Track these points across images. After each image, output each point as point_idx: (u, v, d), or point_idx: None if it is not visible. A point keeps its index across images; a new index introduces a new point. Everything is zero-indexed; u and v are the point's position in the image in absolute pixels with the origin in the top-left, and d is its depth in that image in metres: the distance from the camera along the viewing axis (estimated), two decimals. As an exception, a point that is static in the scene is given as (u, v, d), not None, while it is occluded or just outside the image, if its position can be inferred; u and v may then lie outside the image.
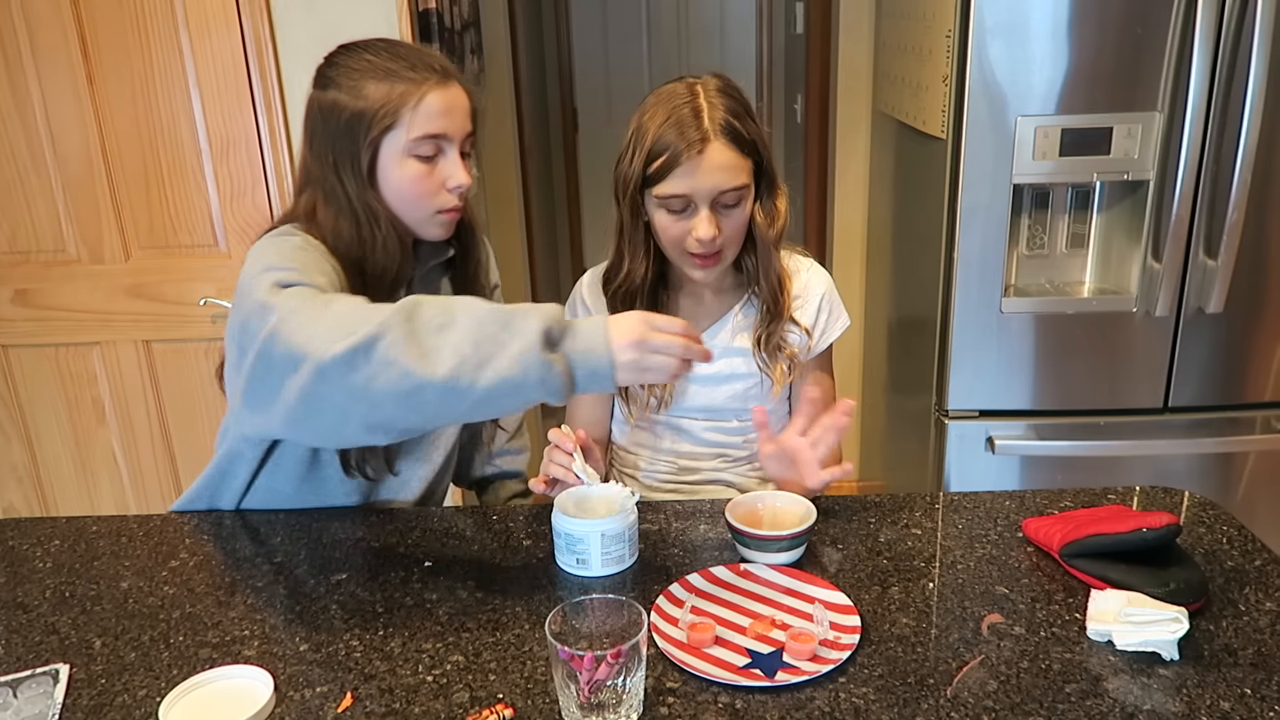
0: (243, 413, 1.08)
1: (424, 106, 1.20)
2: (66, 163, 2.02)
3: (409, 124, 1.20)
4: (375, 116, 1.19)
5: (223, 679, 0.96)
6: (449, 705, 0.91)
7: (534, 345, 0.94)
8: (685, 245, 1.31)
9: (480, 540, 1.23)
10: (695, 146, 1.25)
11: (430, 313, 0.97)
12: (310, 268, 1.12)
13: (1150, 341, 2.04)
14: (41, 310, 2.11)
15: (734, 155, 1.27)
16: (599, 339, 0.97)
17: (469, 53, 2.52)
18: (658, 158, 1.26)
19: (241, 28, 1.93)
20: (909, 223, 2.47)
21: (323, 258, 1.17)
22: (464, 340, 0.94)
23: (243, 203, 2.04)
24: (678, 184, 1.27)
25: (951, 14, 1.97)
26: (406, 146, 1.21)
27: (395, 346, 0.94)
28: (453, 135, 1.23)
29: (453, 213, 1.26)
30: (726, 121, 1.27)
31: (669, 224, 1.31)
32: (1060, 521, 1.13)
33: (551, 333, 0.96)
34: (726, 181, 1.27)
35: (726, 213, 1.30)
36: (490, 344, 0.94)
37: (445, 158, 1.23)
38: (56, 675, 0.97)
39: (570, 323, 0.98)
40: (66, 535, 1.28)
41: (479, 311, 0.97)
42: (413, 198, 1.23)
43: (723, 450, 1.47)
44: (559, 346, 0.96)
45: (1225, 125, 1.87)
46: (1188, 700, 0.88)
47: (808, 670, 0.94)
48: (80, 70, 1.96)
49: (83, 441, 2.22)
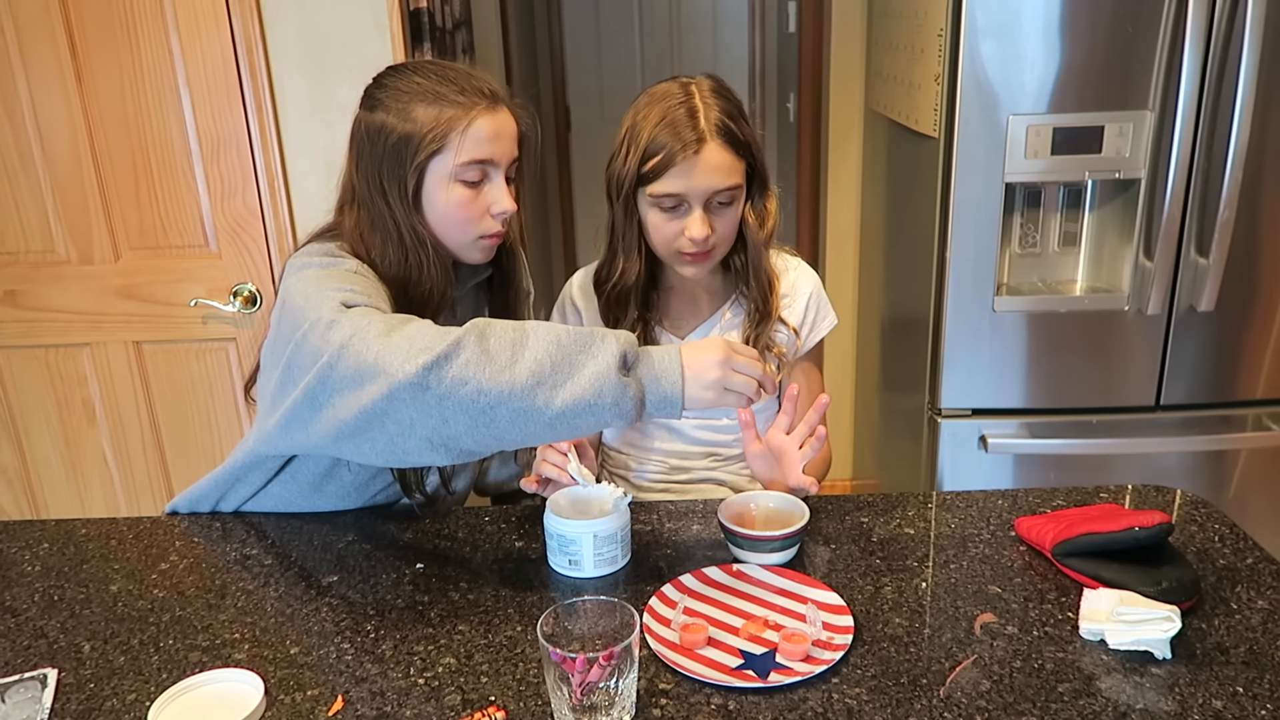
0: (277, 427, 1.07)
1: (472, 131, 1.19)
2: (55, 162, 2.01)
3: (456, 148, 1.19)
4: (423, 140, 1.18)
5: (213, 682, 0.95)
6: (441, 708, 0.91)
7: (611, 368, 0.96)
8: (677, 245, 1.31)
9: (472, 541, 1.23)
10: (691, 147, 1.25)
11: (504, 333, 0.98)
12: (371, 292, 1.11)
13: (1142, 340, 2.04)
14: (31, 311, 2.10)
15: (729, 156, 1.28)
16: (673, 366, 1.00)
17: (460, 52, 2.51)
18: (653, 157, 1.26)
19: (231, 27, 1.92)
20: (901, 221, 2.47)
21: (375, 281, 1.17)
22: (542, 360, 0.96)
23: (233, 202, 2.03)
24: (672, 183, 1.27)
25: (943, 13, 1.97)
26: (453, 171, 1.20)
27: (471, 365, 0.95)
28: (499, 160, 1.22)
29: (495, 238, 1.26)
30: (722, 122, 1.27)
31: (662, 223, 1.31)
32: (1052, 520, 1.13)
33: (628, 356, 0.98)
34: (721, 182, 1.27)
35: (720, 212, 1.30)
36: (567, 365, 0.96)
37: (491, 183, 1.23)
38: (44, 680, 0.97)
39: (645, 349, 1.01)
40: (55, 538, 1.27)
41: (554, 333, 0.98)
42: (457, 222, 1.23)
43: (714, 449, 1.47)
44: (634, 370, 0.98)
45: (1216, 124, 1.88)
46: (1180, 699, 0.88)
47: (801, 671, 0.93)
48: (69, 69, 1.94)
49: (73, 443, 2.21)
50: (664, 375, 0.99)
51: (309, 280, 1.11)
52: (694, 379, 1.00)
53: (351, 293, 1.08)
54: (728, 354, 1.02)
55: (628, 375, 0.97)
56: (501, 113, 1.22)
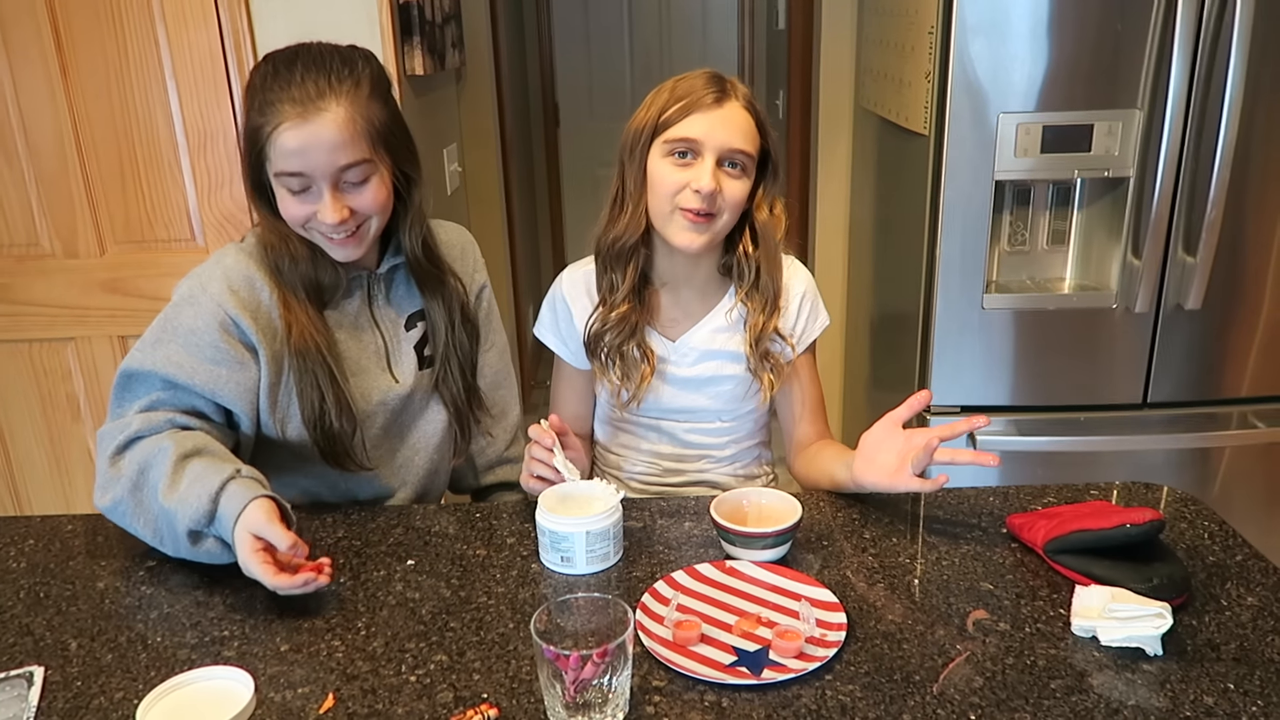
0: None
1: (279, 144, 1.15)
2: (40, 156, 1.99)
3: (272, 158, 1.17)
4: (252, 143, 1.18)
5: (202, 680, 0.94)
6: (433, 705, 0.91)
7: (187, 544, 1.12)
8: (679, 199, 1.28)
9: (464, 538, 1.22)
10: (715, 97, 1.28)
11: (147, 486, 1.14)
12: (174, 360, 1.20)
13: (1130, 337, 2.05)
14: (15, 305, 2.08)
15: (749, 121, 1.30)
16: (231, 537, 1.09)
17: (450, 46, 2.50)
18: (676, 104, 1.28)
19: (219, 20, 1.91)
20: (891, 219, 2.48)
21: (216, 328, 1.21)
22: (164, 524, 1.13)
23: (220, 196, 2.01)
24: (691, 127, 1.27)
25: (934, 10, 1.98)
26: (277, 179, 1.19)
27: (129, 515, 1.16)
28: (311, 172, 1.16)
29: (344, 240, 1.22)
30: (747, 97, 1.32)
31: (669, 172, 1.28)
32: (1044, 518, 1.14)
33: (197, 532, 1.11)
34: (737, 140, 1.28)
35: (730, 174, 1.29)
36: (171, 532, 1.12)
37: (314, 192, 1.19)
38: (31, 678, 0.96)
39: (216, 511, 1.09)
40: (41, 534, 1.26)
41: (159, 502, 1.12)
42: (296, 223, 1.22)
43: (706, 451, 1.46)
44: (207, 532, 1.11)
45: (1204, 123, 1.89)
46: (1171, 695, 0.89)
47: (794, 668, 0.93)
48: (54, 62, 1.92)
49: (57, 438, 2.19)
50: (231, 543, 1.09)
51: (163, 322, 1.22)
52: (239, 550, 1.07)
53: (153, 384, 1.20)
54: (256, 547, 1.06)
55: (201, 541, 1.12)
56: (314, 121, 1.14)
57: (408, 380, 1.35)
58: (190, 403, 1.21)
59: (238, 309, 1.21)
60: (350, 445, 1.29)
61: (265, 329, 1.23)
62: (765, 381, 1.40)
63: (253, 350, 1.23)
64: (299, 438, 1.28)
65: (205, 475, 1.11)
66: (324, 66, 1.17)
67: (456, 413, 1.41)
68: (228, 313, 1.21)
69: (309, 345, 1.24)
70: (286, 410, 1.27)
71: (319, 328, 1.26)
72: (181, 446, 1.14)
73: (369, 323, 1.33)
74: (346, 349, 1.30)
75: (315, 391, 1.25)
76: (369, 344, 1.33)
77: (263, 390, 1.24)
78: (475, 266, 1.46)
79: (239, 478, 1.11)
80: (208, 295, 1.21)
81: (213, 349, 1.20)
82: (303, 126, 1.14)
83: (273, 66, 1.18)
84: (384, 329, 1.34)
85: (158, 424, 1.17)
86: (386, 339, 1.35)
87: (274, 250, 1.25)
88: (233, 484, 1.10)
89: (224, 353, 1.20)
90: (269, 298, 1.24)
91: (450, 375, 1.39)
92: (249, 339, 1.22)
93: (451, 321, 1.37)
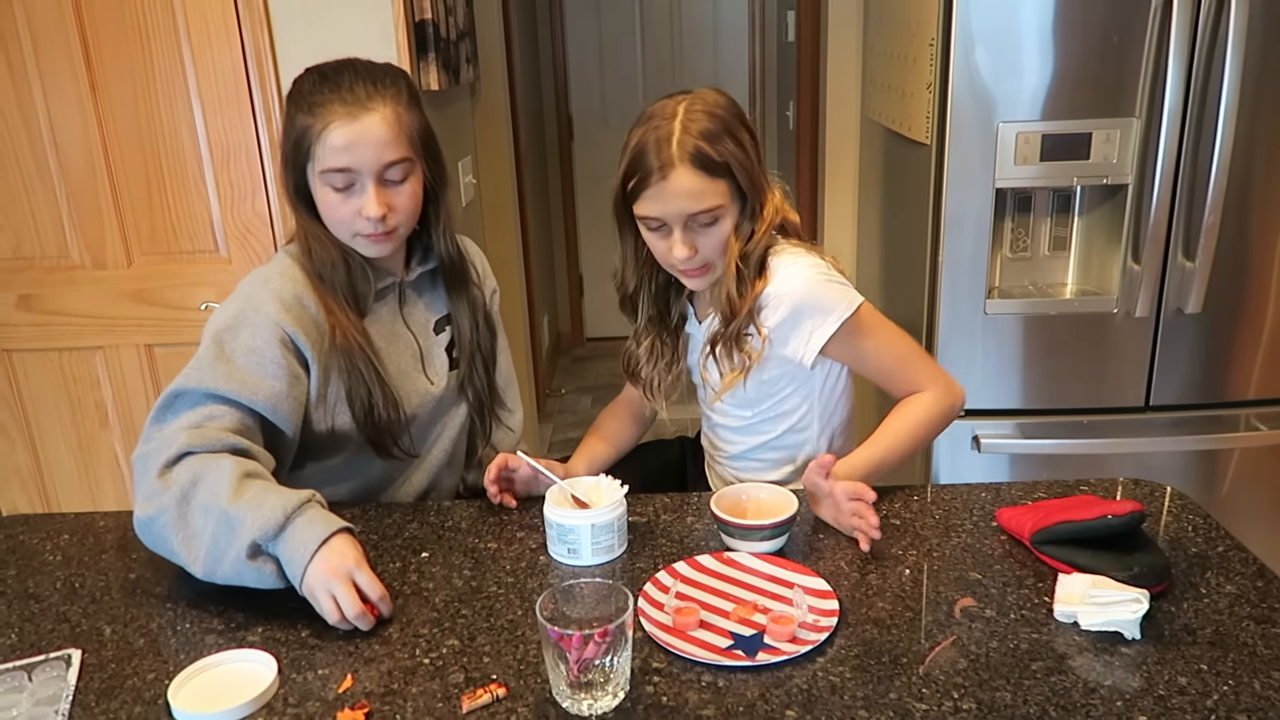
0: None
1: (328, 141, 1.23)
2: (70, 170, 2.06)
3: (319, 156, 1.24)
4: (297, 145, 1.26)
5: (228, 662, 1.00)
6: (445, 685, 0.96)
7: (243, 556, 1.09)
8: (672, 263, 1.34)
9: (475, 532, 1.28)
10: (659, 172, 1.26)
11: (197, 514, 1.12)
12: (235, 378, 1.21)
13: (1131, 341, 2.08)
14: (45, 315, 2.15)
15: (700, 180, 1.26)
16: (302, 555, 1.08)
17: (464, 62, 2.57)
18: (631, 178, 1.29)
19: (242, 38, 1.98)
20: (896, 227, 2.52)
21: (276, 344, 1.24)
22: (207, 546, 1.11)
23: (243, 209, 2.08)
24: (649, 206, 1.29)
25: (935, 22, 2.02)
26: (320, 177, 1.26)
27: (169, 528, 1.13)
28: (359, 168, 1.24)
29: (378, 236, 1.29)
30: (696, 147, 1.25)
31: (653, 240, 1.34)
32: (1031, 511, 1.18)
33: (260, 544, 1.09)
34: (692, 205, 1.27)
35: (704, 231, 1.30)
36: (218, 546, 1.10)
37: (358, 188, 1.26)
38: (69, 660, 1.02)
39: (288, 526, 1.09)
40: (75, 530, 1.32)
41: (221, 507, 1.10)
42: (333, 222, 1.30)
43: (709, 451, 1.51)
44: (269, 549, 1.10)
45: (1201, 130, 1.92)
46: (1147, 676, 0.93)
47: (787, 651, 0.98)
48: (84, 79, 2.00)
49: (85, 444, 2.26)
50: (292, 560, 1.08)
51: (216, 347, 1.23)
52: (314, 570, 1.07)
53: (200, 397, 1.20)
54: (347, 575, 1.06)
55: (258, 558, 1.09)
56: (363, 120, 1.23)
57: (441, 381, 1.43)
58: (243, 420, 1.21)
59: (294, 325, 1.26)
60: (399, 434, 1.36)
61: (316, 342, 1.28)
62: (726, 382, 1.40)
63: (305, 364, 1.28)
64: (345, 430, 1.34)
65: (279, 491, 1.12)
66: (370, 75, 1.28)
67: (479, 409, 1.48)
68: (286, 330, 1.25)
69: (353, 345, 1.30)
70: (333, 409, 1.32)
71: (360, 329, 1.33)
72: (243, 466, 1.15)
73: (403, 328, 1.40)
74: (386, 355, 1.36)
75: (363, 387, 1.31)
76: (405, 349, 1.40)
77: (312, 398, 1.30)
78: (485, 271, 1.55)
79: (314, 503, 1.13)
80: (262, 315, 1.25)
81: (275, 365, 1.24)
82: (352, 124, 1.23)
83: (320, 74, 1.28)
84: (416, 334, 1.41)
85: (210, 441, 1.17)
86: (420, 343, 1.41)
87: (314, 255, 1.31)
88: (311, 508, 1.12)
89: (284, 369, 1.24)
90: (315, 310, 1.29)
91: (475, 374, 1.46)
92: (304, 353, 1.27)
93: (475, 322, 1.45)
